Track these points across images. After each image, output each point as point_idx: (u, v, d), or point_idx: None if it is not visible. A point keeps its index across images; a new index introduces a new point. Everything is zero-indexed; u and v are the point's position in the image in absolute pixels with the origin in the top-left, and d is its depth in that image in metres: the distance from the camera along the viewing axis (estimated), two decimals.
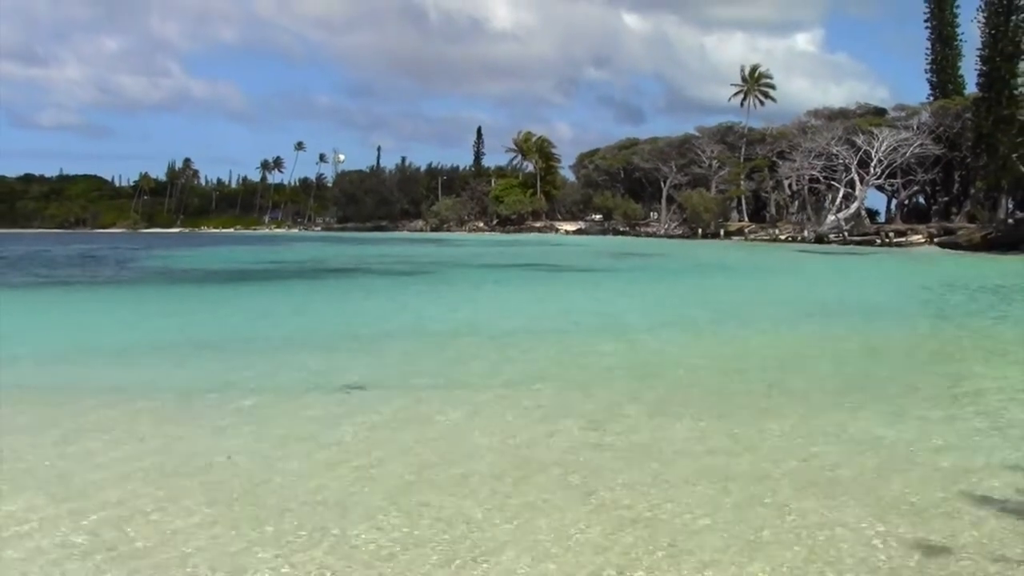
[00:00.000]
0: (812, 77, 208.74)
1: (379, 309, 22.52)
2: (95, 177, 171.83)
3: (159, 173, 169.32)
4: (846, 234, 68.62)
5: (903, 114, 77.52)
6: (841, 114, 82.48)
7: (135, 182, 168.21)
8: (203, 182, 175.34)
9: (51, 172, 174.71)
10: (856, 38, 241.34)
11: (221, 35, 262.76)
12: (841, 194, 73.57)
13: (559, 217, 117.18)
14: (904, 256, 50.77)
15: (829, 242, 67.72)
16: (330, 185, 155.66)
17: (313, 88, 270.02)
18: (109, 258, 51.19)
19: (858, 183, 73.07)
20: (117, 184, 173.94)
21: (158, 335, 16.53)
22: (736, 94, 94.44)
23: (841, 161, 73.91)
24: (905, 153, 71.30)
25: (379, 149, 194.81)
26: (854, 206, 72.88)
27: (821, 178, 75.96)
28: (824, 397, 9.20)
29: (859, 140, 72.67)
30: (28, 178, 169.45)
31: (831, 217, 72.92)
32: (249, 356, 13.28)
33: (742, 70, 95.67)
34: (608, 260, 47.95)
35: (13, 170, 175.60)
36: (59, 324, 19.67)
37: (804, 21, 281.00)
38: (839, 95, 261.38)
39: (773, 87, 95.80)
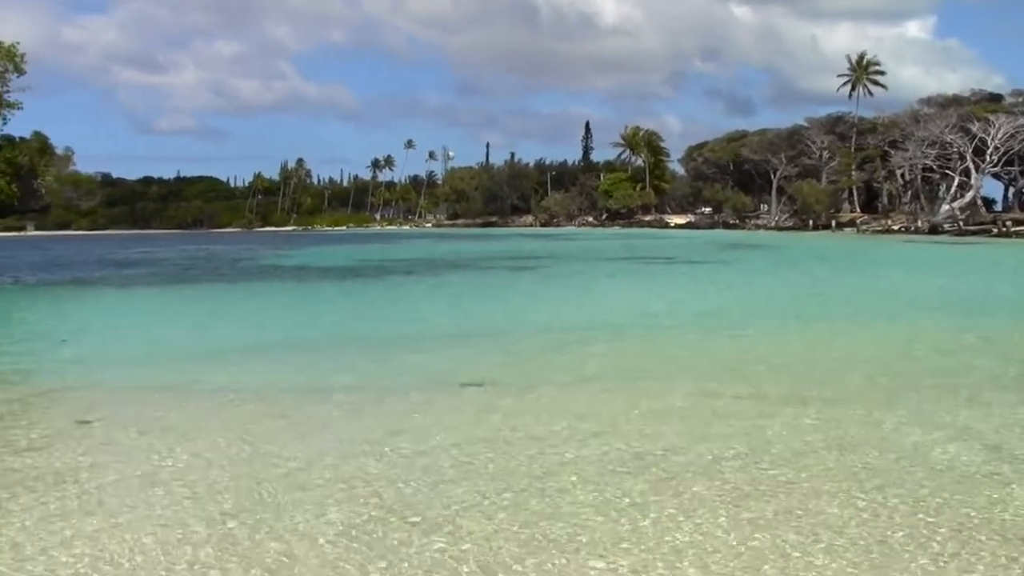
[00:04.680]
0: (924, 65, 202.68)
1: (506, 305, 24.08)
2: (211, 178, 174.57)
3: (272, 173, 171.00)
4: (961, 224, 68.27)
5: (1020, 100, 76.64)
6: (955, 101, 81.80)
7: (249, 183, 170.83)
8: (315, 181, 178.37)
9: (169, 175, 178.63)
10: (970, 24, 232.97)
11: (332, 36, 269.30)
12: (956, 183, 73.16)
13: (668, 210, 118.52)
14: None
15: (943, 232, 67.59)
16: (440, 182, 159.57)
17: (422, 87, 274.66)
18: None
19: (973, 172, 72.62)
20: (232, 185, 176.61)
21: (277, 333, 18.36)
22: (844, 84, 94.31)
23: (955, 149, 73.50)
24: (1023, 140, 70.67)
25: (488, 146, 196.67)
26: (969, 195, 72.49)
27: (935, 167, 75.48)
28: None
29: (974, 127, 72.23)
30: (147, 180, 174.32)
31: (945, 207, 72.63)
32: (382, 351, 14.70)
33: (849, 59, 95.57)
34: (725, 253, 48.81)
35: (133, 173, 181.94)
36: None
37: (915, 8, 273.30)
38: (953, 82, 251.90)
39: (883, 74, 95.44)
